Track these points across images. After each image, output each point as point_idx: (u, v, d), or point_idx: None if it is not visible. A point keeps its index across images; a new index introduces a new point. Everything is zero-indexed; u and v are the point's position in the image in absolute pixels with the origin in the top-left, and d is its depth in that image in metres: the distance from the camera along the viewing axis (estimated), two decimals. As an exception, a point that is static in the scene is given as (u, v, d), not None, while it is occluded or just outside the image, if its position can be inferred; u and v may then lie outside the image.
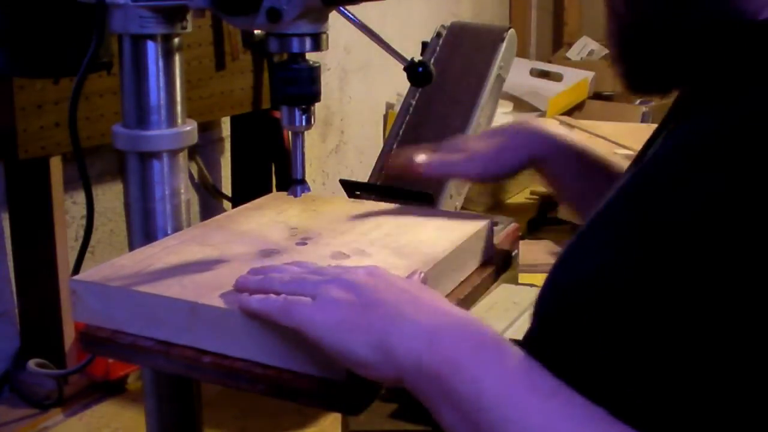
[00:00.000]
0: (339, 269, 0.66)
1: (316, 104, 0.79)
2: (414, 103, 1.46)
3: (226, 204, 1.96)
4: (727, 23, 0.57)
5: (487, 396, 0.53)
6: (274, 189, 1.84)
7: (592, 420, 0.51)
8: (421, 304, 0.60)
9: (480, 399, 0.54)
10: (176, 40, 0.83)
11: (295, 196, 0.80)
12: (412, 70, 0.78)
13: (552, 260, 0.61)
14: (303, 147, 0.79)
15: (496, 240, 0.90)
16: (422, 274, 0.70)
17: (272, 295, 0.64)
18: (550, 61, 2.87)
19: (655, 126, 0.71)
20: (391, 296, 0.60)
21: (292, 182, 0.80)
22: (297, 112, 0.77)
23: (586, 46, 3.01)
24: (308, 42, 0.75)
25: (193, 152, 1.86)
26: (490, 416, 0.53)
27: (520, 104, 2.44)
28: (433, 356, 0.56)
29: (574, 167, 0.87)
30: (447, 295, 0.78)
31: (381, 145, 1.61)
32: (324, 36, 0.76)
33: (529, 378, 0.54)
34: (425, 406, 0.57)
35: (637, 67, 0.64)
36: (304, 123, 0.78)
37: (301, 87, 0.77)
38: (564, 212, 1.76)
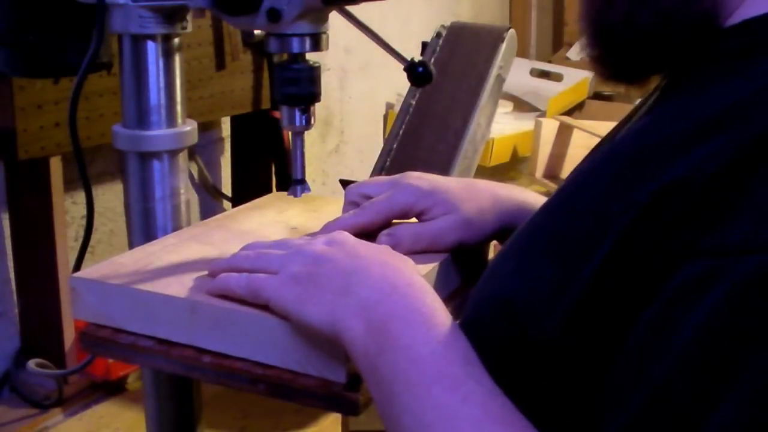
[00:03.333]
0: (302, 240, 0.67)
1: (316, 104, 0.79)
2: (414, 103, 1.46)
3: (226, 204, 1.96)
4: (694, 26, 0.56)
5: (399, 381, 0.54)
6: (274, 189, 1.84)
7: (488, 419, 0.50)
8: (371, 272, 0.60)
9: (393, 383, 0.54)
10: (176, 40, 0.83)
11: (295, 196, 0.80)
12: (412, 70, 0.78)
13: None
14: (303, 147, 0.80)
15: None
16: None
17: (235, 274, 0.66)
18: (550, 61, 2.87)
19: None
20: (346, 264, 0.61)
21: (292, 182, 0.80)
22: (297, 113, 0.78)
23: (586, 46, 3.00)
24: (308, 42, 0.75)
25: (193, 152, 1.86)
26: (399, 402, 0.53)
27: (520, 104, 2.44)
28: (367, 333, 0.57)
29: None
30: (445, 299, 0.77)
31: (381, 145, 1.60)
32: (324, 36, 0.76)
33: (438, 365, 0.53)
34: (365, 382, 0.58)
35: (603, 45, 0.61)
36: (304, 123, 0.78)
37: (301, 87, 0.77)
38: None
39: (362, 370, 0.57)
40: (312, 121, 0.79)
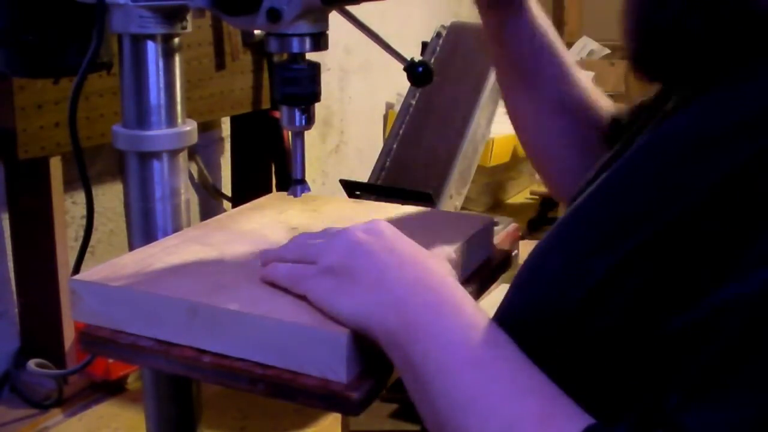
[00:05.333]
0: (341, 231, 0.68)
1: (316, 104, 0.79)
2: (414, 103, 1.46)
3: (226, 204, 1.96)
4: (750, 8, 0.56)
5: (432, 368, 0.56)
6: (274, 189, 1.84)
7: (518, 392, 0.52)
8: (404, 269, 0.62)
9: (427, 371, 0.56)
10: (176, 40, 0.83)
11: (295, 196, 0.80)
12: (412, 69, 0.78)
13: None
14: (303, 147, 0.79)
15: (496, 240, 0.90)
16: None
17: (280, 264, 0.69)
18: (550, 61, 2.86)
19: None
20: (381, 259, 0.63)
21: (292, 182, 0.80)
22: (297, 112, 0.77)
23: (586, 46, 3.01)
24: (308, 42, 0.75)
25: (193, 152, 1.86)
26: (433, 387, 0.55)
27: (520, 104, 2.43)
28: (399, 325, 0.58)
29: (522, 30, 0.83)
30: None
31: (381, 145, 1.60)
32: (324, 35, 0.76)
33: (468, 349, 0.55)
34: (398, 373, 0.60)
35: (647, 45, 0.61)
36: (304, 123, 0.78)
37: (300, 87, 0.77)
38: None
39: (395, 360, 0.59)
40: (312, 121, 0.79)
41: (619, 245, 0.53)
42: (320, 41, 0.76)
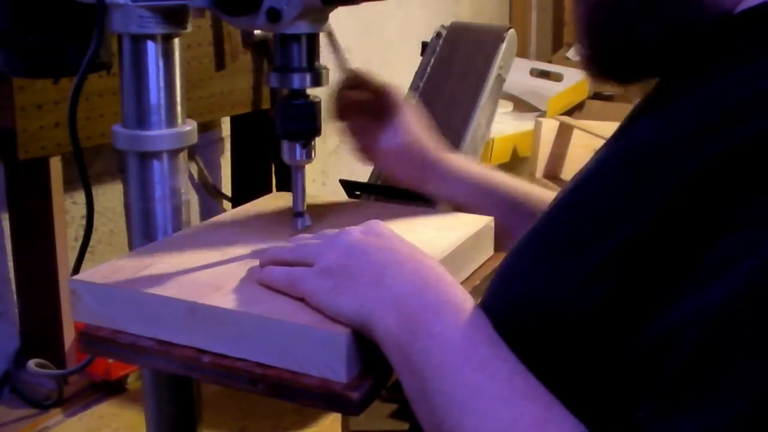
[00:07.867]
0: (339, 232, 0.68)
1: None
2: (414, 103, 1.45)
3: (226, 204, 1.96)
4: (702, 16, 0.57)
5: (431, 365, 0.56)
6: (274, 189, 1.84)
7: (514, 395, 0.53)
8: (404, 268, 0.62)
9: (425, 368, 0.56)
10: (176, 40, 0.83)
11: (296, 228, 0.81)
12: None
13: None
14: (303, 180, 0.80)
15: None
16: None
17: (276, 267, 0.69)
18: (550, 61, 2.87)
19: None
20: (380, 258, 0.63)
21: (294, 214, 0.81)
22: (297, 147, 0.79)
23: (586, 46, 3.00)
24: (308, 78, 0.77)
25: (193, 152, 1.86)
26: (431, 386, 0.56)
27: (520, 104, 2.44)
28: (399, 324, 0.59)
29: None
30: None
31: (381, 145, 1.60)
32: (324, 72, 0.78)
33: (467, 348, 0.56)
34: (396, 373, 0.60)
35: (600, 51, 0.63)
36: (304, 157, 0.80)
37: (301, 123, 0.78)
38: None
39: (394, 360, 0.59)
40: (312, 155, 0.80)
41: (587, 252, 0.53)
42: (320, 77, 0.77)
